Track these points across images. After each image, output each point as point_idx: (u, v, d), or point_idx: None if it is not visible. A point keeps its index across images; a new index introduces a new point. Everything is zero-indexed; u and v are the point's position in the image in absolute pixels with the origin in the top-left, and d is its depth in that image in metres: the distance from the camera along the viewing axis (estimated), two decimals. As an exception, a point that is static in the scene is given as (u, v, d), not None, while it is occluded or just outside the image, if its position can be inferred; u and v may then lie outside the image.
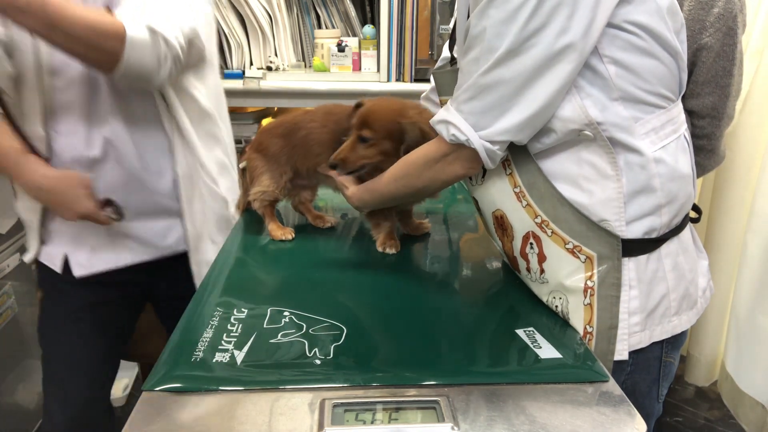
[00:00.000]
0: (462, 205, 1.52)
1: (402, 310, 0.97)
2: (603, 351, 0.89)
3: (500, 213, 0.98)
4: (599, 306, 0.88)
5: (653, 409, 1.00)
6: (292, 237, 1.25)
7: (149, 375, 0.77)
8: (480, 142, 0.86)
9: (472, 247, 1.27)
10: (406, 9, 2.13)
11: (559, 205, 0.88)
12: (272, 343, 0.84)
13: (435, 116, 0.92)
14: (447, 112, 0.89)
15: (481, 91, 0.83)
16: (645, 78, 0.84)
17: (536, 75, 0.80)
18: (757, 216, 1.59)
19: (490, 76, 0.82)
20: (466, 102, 0.85)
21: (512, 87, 0.81)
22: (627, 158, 0.85)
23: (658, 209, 0.88)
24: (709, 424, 2.11)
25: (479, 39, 0.82)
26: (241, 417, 0.69)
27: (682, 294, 0.93)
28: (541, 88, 0.81)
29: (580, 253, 0.89)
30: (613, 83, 0.82)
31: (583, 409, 0.72)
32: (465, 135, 0.86)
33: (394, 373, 0.78)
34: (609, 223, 0.87)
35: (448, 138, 0.88)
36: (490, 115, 0.84)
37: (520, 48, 0.79)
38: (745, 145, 1.62)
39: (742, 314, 1.65)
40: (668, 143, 0.88)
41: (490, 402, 0.73)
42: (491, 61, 0.81)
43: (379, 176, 1.04)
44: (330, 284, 1.06)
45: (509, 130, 0.84)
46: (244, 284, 1.05)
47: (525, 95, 0.81)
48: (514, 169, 0.92)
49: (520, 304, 0.99)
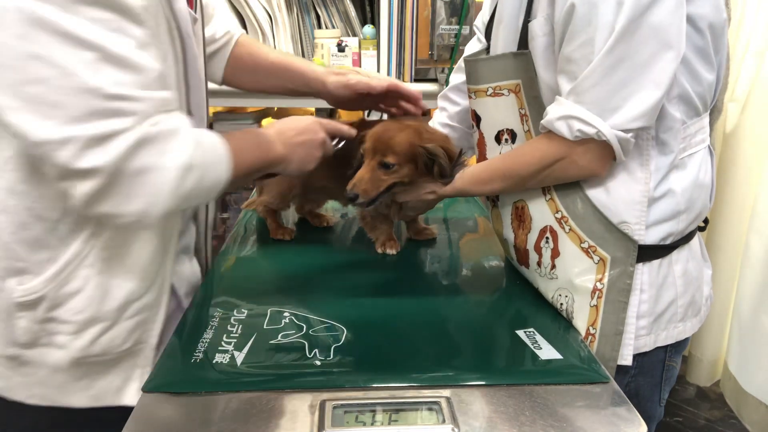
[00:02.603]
0: (462, 205, 1.52)
1: (402, 310, 0.96)
2: (605, 355, 0.89)
3: (522, 204, 0.97)
4: (605, 309, 0.88)
5: (655, 412, 1.00)
6: (291, 237, 1.24)
7: (149, 376, 0.77)
8: (612, 132, 0.79)
9: (472, 248, 1.26)
10: (406, 9, 2.13)
11: (581, 202, 0.88)
12: (272, 344, 0.84)
13: (547, 115, 0.85)
14: (563, 107, 0.82)
15: (605, 73, 0.77)
16: (699, 79, 0.84)
17: (663, 46, 0.76)
18: (759, 216, 1.58)
19: (613, 54, 0.76)
20: (589, 90, 0.79)
21: (639, 62, 0.76)
22: (659, 162, 0.85)
23: (678, 215, 0.88)
24: (710, 424, 2.10)
25: (587, 20, 0.76)
26: (241, 418, 0.69)
27: (689, 300, 0.93)
28: (668, 62, 0.76)
29: (594, 253, 0.88)
30: (676, 78, 0.81)
31: (584, 410, 0.72)
32: (594, 127, 0.79)
33: (394, 374, 0.78)
34: (629, 226, 0.86)
35: (573, 135, 0.82)
36: (618, 98, 0.78)
37: (641, 18, 0.74)
38: (747, 145, 1.62)
39: (745, 314, 1.64)
40: (697, 152, 0.89)
41: (491, 403, 0.73)
42: (612, 38, 0.75)
43: (476, 169, 0.99)
44: (330, 285, 1.06)
45: (644, 114, 0.78)
46: (244, 285, 1.05)
47: (652, 70, 0.76)
48: None
49: (520, 305, 0.99)
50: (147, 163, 0.69)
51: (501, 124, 0.97)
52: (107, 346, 0.84)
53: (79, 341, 0.82)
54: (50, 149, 0.64)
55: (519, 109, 0.92)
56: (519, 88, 0.91)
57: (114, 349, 0.85)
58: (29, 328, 0.80)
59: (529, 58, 0.88)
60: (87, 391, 0.85)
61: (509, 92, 0.92)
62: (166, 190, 0.71)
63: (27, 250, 0.77)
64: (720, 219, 1.74)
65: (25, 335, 0.80)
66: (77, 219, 0.77)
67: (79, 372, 0.84)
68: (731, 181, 1.68)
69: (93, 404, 0.86)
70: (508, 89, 0.92)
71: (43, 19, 0.62)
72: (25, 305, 0.79)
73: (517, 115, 0.93)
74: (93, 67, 0.64)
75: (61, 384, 0.84)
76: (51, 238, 0.77)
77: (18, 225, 0.76)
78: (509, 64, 0.91)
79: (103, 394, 0.86)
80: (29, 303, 0.79)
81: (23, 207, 0.75)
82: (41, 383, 0.83)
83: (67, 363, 0.83)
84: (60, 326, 0.81)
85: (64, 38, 0.63)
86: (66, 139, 0.64)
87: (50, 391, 0.84)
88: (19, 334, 0.80)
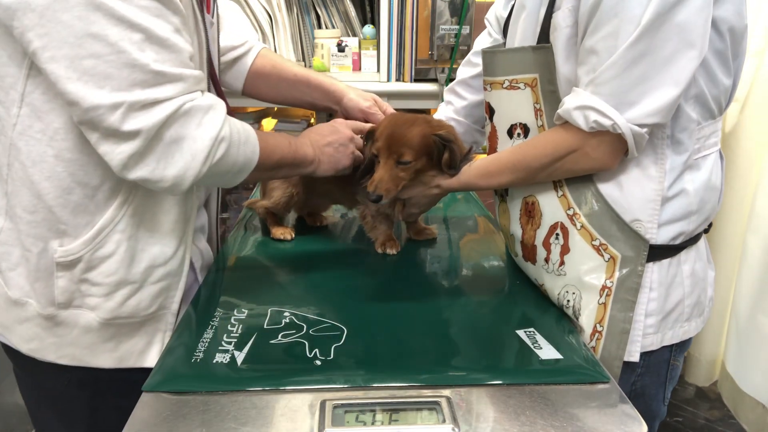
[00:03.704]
0: (462, 205, 1.52)
1: (402, 310, 0.96)
2: (612, 353, 0.89)
3: (533, 200, 0.97)
4: (613, 307, 0.88)
5: (659, 411, 1.00)
6: (291, 237, 1.24)
7: (150, 375, 0.77)
8: (627, 126, 0.79)
9: (473, 248, 1.26)
10: (406, 9, 2.13)
11: (595, 200, 0.88)
12: (272, 343, 0.84)
13: (563, 105, 0.85)
14: (580, 97, 0.82)
15: (626, 67, 0.77)
16: (716, 82, 0.84)
17: (686, 44, 0.76)
18: (758, 216, 1.58)
19: (636, 48, 0.76)
20: (608, 81, 0.79)
21: (660, 58, 0.76)
22: (674, 161, 0.86)
23: (689, 216, 0.88)
24: (709, 424, 2.11)
25: (613, 12, 0.76)
26: (241, 418, 0.69)
27: (695, 301, 0.94)
28: (689, 61, 0.76)
29: (605, 251, 0.88)
30: (694, 78, 0.81)
31: (584, 409, 0.72)
32: (610, 119, 0.79)
33: (394, 373, 0.78)
34: (641, 224, 0.86)
35: (588, 126, 0.81)
36: (636, 92, 0.78)
37: (667, 14, 0.74)
38: (746, 145, 1.62)
39: (743, 314, 1.64)
40: (710, 154, 0.89)
41: (491, 403, 0.73)
42: (636, 32, 0.75)
43: (484, 162, 0.99)
44: (330, 284, 1.06)
45: (660, 110, 0.78)
46: (245, 284, 1.05)
47: (673, 68, 0.76)
48: None
49: (521, 305, 0.99)
50: (183, 132, 0.79)
51: (514, 118, 0.97)
52: (134, 309, 0.91)
53: (110, 303, 0.89)
54: (101, 113, 0.74)
55: (534, 103, 0.92)
56: (536, 82, 0.91)
57: (140, 312, 0.92)
58: (66, 288, 0.87)
59: (550, 52, 0.88)
60: (113, 352, 0.92)
61: (525, 86, 0.92)
62: (200, 158, 0.80)
63: (69, 214, 0.85)
64: (719, 219, 1.74)
65: (63, 295, 0.87)
66: (114, 186, 0.85)
67: (108, 333, 0.91)
68: (730, 181, 1.68)
69: (118, 365, 0.93)
70: (524, 83, 0.92)
71: (102, 4, 0.71)
72: (64, 265, 0.86)
73: (532, 110, 0.93)
74: (140, 46, 0.74)
75: (90, 344, 0.91)
76: (90, 203, 0.85)
77: (63, 190, 0.83)
78: (528, 57, 0.91)
79: (127, 356, 0.93)
80: (68, 263, 0.86)
81: (68, 174, 0.83)
82: (72, 343, 0.91)
83: (97, 324, 0.90)
84: (93, 288, 0.88)
85: (117, 21, 0.72)
86: (115, 104, 0.74)
87: (80, 351, 0.91)
88: (58, 294, 0.87)
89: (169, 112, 0.77)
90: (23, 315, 0.90)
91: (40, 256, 0.86)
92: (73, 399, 0.97)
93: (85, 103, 0.73)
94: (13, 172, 0.83)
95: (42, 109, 0.79)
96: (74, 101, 0.74)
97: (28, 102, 0.79)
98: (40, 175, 0.82)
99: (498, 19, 1.10)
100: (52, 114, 0.80)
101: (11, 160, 0.83)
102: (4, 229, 0.87)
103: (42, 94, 0.78)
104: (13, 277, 0.88)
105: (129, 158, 0.77)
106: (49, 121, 0.80)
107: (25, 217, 0.84)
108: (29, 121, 0.80)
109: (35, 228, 0.85)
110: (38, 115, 0.80)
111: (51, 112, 0.80)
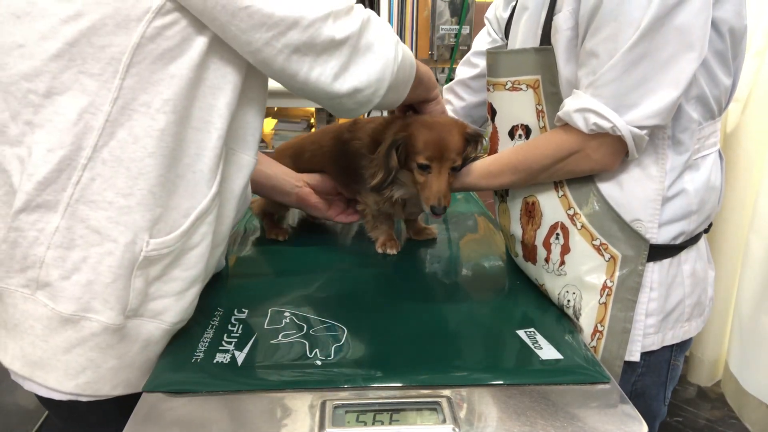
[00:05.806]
0: (462, 205, 1.52)
1: (403, 310, 0.96)
2: (612, 353, 0.89)
3: (533, 200, 0.97)
4: (614, 307, 0.88)
5: (660, 411, 1.00)
6: (285, 237, 1.25)
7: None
8: (627, 128, 0.80)
9: (473, 248, 1.26)
10: (406, 9, 2.14)
11: (595, 200, 0.88)
12: (273, 343, 0.84)
13: (564, 107, 0.85)
14: (580, 99, 0.82)
15: (626, 69, 0.78)
16: (717, 83, 0.84)
17: (685, 46, 0.76)
18: (760, 216, 1.58)
19: (636, 51, 0.77)
20: (608, 84, 0.79)
21: (660, 61, 0.77)
22: (674, 161, 0.86)
23: (689, 215, 0.89)
24: (710, 424, 2.10)
25: (613, 15, 0.77)
26: (241, 418, 0.69)
27: (695, 300, 0.94)
28: (688, 63, 0.77)
29: (605, 251, 0.88)
30: (695, 79, 0.81)
31: (585, 410, 0.72)
32: (610, 121, 0.80)
33: (394, 374, 0.78)
34: (642, 224, 0.86)
35: (588, 128, 0.82)
36: (636, 95, 0.79)
37: (667, 17, 0.75)
38: (747, 145, 1.62)
39: (746, 314, 1.64)
40: (709, 154, 0.90)
41: (491, 403, 0.73)
42: (636, 34, 0.76)
43: (485, 163, 0.98)
44: (331, 284, 1.06)
45: (660, 112, 0.79)
46: (245, 284, 1.05)
47: (672, 70, 0.77)
48: None
49: (521, 305, 0.99)
50: (372, 37, 0.82)
51: (516, 119, 0.97)
52: (192, 310, 0.86)
53: (181, 302, 0.83)
54: (319, 27, 0.76)
55: (536, 105, 0.92)
56: (538, 83, 0.91)
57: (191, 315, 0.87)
58: (141, 290, 0.78)
59: (552, 53, 0.88)
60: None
61: (527, 87, 0.93)
62: (390, 58, 0.84)
63: (168, 196, 0.79)
64: (721, 219, 1.73)
65: (136, 298, 0.78)
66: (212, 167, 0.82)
67: (163, 344, 0.84)
68: (732, 181, 1.68)
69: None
70: (526, 84, 0.93)
71: None
72: (150, 260, 0.78)
73: (534, 111, 0.93)
74: None
75: (145, 362, 0.82)
76: (189, 185, 0.81)
77: (165, 168, 0.78)
78: (530, 58, 0.91)
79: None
80: (155, 258, 0.79)
81: (170, 150, 0.78)
82: (130, 365, 0.81)
83: (159, 334, 0.82)
84: (165, 286, 0.81)
85: None
86: (327, 14, 0.77)
87: (134, 374, 0.81)
88: (132, 297, 0.78)
89: (364, 17, 0.81)
90: (74, 337, 0.76)
91: (126, 249, 0.75)
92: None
93: (306, 20, 0.75)
94: (101, 154, 0.74)
95: (150, 80, 0.74)
96: (294, 21, 0.75)
97: (134, 73, 0.73)
98: (143, 151, 0.75)
99: (498, 20, 1.10)
100: (161, 84, 0.75)
101: (101, 141, 0.74)
102: (60, 229, 0.74)
103: (151, 63, 0.73)
104: (68, 287, 0.75)
105: (340, 69, 0.80)
106: (156, 92, 0.75)
107: (117, 202, 0.75)
108: (133, 93, 0.74)
109: (126, 215, 0.75)
110: (144, 87, 0.74)
111: (160, 82, 0.75)
